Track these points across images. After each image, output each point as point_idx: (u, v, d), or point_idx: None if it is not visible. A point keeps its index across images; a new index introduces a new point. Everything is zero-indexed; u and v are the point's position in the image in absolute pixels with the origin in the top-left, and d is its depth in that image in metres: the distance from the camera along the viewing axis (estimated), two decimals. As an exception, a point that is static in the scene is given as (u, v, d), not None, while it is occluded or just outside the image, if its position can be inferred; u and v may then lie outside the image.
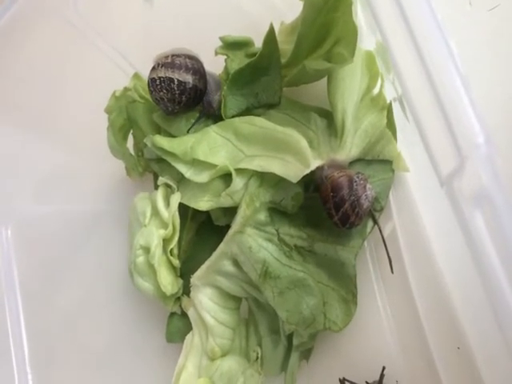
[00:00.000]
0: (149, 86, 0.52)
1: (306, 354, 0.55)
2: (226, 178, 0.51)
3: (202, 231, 0.58)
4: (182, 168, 0.52)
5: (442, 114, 0.32)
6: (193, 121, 0.54)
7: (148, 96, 0.55)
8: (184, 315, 0.58)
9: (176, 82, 0.51)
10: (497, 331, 0.35)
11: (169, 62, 0.52)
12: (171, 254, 0.55)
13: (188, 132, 0.54)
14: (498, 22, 0.52)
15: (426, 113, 0.33)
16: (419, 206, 0.51)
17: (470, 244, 0.31)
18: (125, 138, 0.60)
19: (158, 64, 0.52)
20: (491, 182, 0.30)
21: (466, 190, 0.31)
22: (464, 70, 0.34)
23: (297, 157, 0.48)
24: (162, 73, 0.51)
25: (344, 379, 0.52)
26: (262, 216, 0.51)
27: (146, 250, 0.54)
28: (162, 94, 0.52)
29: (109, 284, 0.64)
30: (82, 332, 0.63)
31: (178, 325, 0.59)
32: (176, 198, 0.53)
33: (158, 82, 0.52)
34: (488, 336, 0.44)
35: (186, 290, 0.56)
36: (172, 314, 0.59)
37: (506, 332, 0.32)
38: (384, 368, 0.51)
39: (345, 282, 0.51)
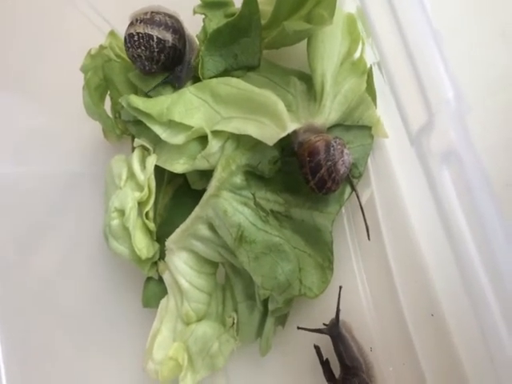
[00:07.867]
0: (126, 43, 0.51)
1: (282, 320, 0.55)
2: (203, 140, 0.50)
3: (179, 195, 0.58)
4: (158, 129, 0.51)
5: (413, 71, 0.32)
6: (172, 83, 0.53)
7: (124, 55, 0.53)
8: (161, 280, 0.57)
9: (155, 40, 0.50)
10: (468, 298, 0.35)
11: (148, 18, 0.50)
12: (147, 218, 0.54)
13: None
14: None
15: (398, 69, 0.32)
16: (397, 173, 0.51)
17: (437, 202, 0.30)
18: (101, 99, 0.58)
19: (137, 20, 0.51)
20: (460, 137, 0.29)
21: (435, 147, 0.30)
22: (440, 27, 0.33)
23: (274, 119, 0.47)
24: (140, 28, 0.50)
25: (299, 327, 0.52)
26: (238, 179, 0.50)
27: (121, 212, 0.53)
28: (139, 50, 0.50)
29: (86, 247, 0.63)
30: (58, 295, 0.62)
31: (155, 290, 0.58)
32: (152, 161, 0.53)
33: (136, 38, 0.50)
34: (461, 304, 0.44)
35: (163, 254, 0.56)
36: (148, 279, 0.59)
37: (473, 297, 0.32)
38: (341, 287, 0.50)
39: (321, 248, 0.51)
